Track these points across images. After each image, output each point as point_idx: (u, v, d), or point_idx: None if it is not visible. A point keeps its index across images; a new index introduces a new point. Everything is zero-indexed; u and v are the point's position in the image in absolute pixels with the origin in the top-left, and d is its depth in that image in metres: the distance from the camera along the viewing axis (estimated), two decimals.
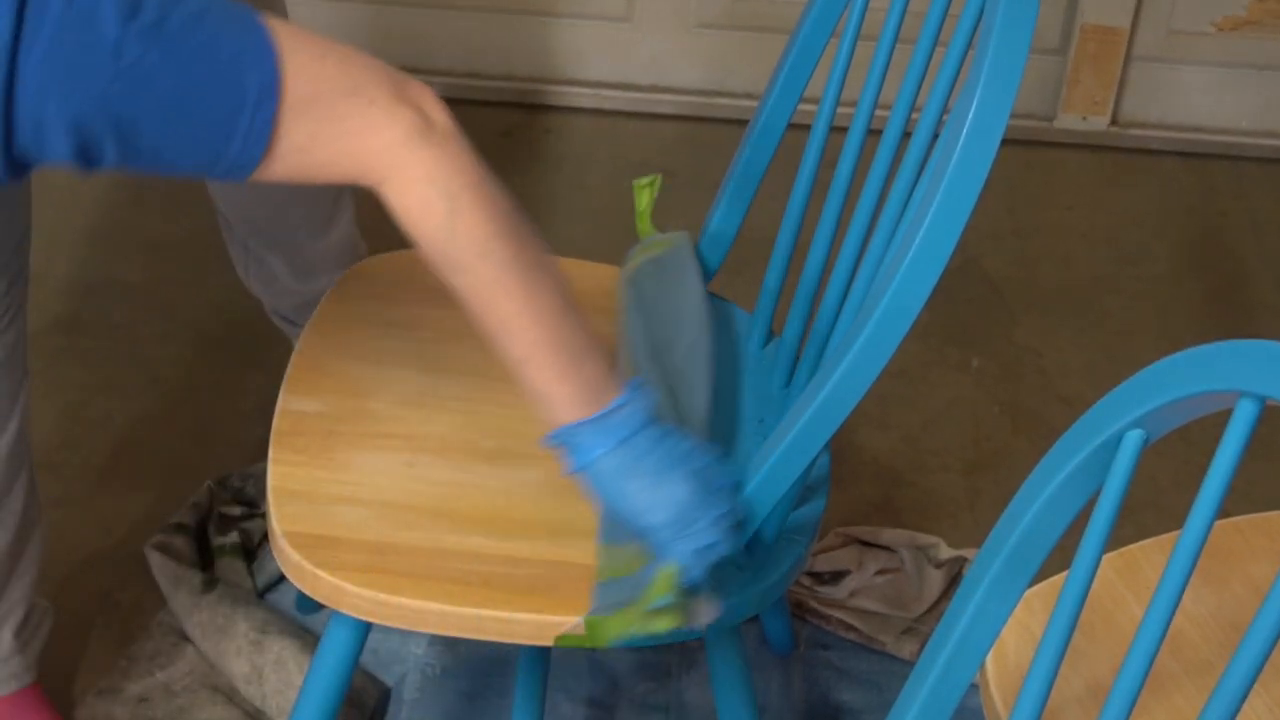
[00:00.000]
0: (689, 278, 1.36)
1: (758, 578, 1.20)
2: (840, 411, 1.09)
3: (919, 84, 1.22)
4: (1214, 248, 2.25)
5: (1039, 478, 0.91)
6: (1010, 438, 1.92)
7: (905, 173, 1.18)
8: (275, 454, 1.24)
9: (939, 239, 1.02)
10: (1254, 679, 0.81)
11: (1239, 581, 1.13)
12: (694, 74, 2.43)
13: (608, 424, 1.09)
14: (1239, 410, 0.81)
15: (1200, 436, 1.15)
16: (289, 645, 1.55)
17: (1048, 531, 0.91)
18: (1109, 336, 2.08)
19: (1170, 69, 2.37)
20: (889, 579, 1.67)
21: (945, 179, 1.01)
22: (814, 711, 1.60)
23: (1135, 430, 0.86)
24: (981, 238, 2.19)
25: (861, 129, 1.27)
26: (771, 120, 1.35)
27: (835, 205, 1.29)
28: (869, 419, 1.91)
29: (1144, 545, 1.15)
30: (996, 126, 1.00)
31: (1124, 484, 0.87)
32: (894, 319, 1.05)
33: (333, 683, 1.24)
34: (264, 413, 1.29)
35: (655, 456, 1.10)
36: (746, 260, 1.60)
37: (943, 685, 0.95)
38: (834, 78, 1.29)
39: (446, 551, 1.18)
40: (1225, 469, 0.82)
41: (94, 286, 2.01)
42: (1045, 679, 0.91)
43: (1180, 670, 1.07)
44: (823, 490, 1.27)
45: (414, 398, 1.30)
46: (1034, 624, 1.08)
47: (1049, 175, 2.36)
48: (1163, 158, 2.39)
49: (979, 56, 1.01)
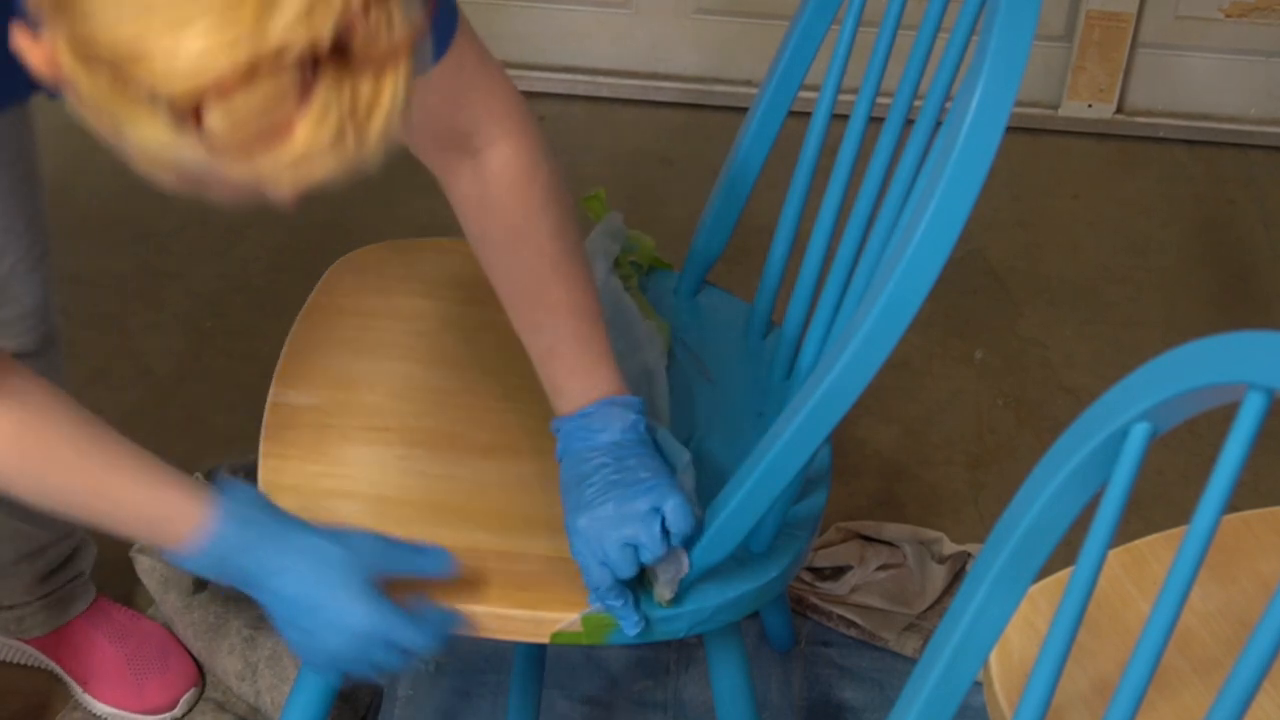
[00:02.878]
0: (601, 264, 1.36)
1: (758, 573, 1.19)
2: (842, 404, 1.08)
3: (921, 71, 1.21)
4: (1222, 237, 2.24)
5: (1044, 472, 0.90)
6: (1014, 431, 1.92)
7: (907, 161, 1.17)
8: (266, 447, 1.23)
9: (942, 228, 1.01)
10: (1263, 676, 0.80)
11: (1247, 577, 1.12)
12: (693, 60, 2.42)
13: (591, 423, 1.12)
14: (1247, 403, 0.80)
15: (1208, 429, 1.15)
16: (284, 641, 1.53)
17: (1053, 526, 0.90)
18: (1115, 328, 2.07)
19: (1177, 55, 2.36)
20: (891, 574, 1.67)
21: (948, 168, 1.00)
22: (814, 709, 1.60)
23: (1142, 423, 0.85)
24: (985, 227, 2.19)
25: (863, 117, 1.27)
26: (772, 107, 1.34)
27: (836, 194, 1.28)
28: (871, 412, 1.90)
29: (1151, 540, 1.14)
30: (1000, 114, 0.99)
31: (1130, 478, 0.86)
32: (897, 310, 1.04)
33: (325, 680, 1.23)
34: (255, 406, 1.28)
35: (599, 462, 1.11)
36: (746, 249, 1.60)
37: (946, 683, 0.95)
38: (835, 64, 1.29)
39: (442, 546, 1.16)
40: (1233, 462, 0.81)
41: (84, 277, 2.00)
42: (1050, 677, 0.90)
43: (1188, 668, 1.07)
44: (824, 484, 1.27)
45: (407, 390, 1.29)
46: (1039, 620, 1.08)
47: (1054, 164, 2.35)
48: (1170, 146, 2.38)
49: (982, 43, 1.01)
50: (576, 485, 1.12)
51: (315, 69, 0.73)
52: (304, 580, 1.03)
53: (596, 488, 1.11)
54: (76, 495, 1.03)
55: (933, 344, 2.01)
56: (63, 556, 1.48)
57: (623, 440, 1.13)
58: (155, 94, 0.73)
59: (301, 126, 0.74)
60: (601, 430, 1.13)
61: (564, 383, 1.15)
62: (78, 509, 1.04)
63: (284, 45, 0.72)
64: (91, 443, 1.02)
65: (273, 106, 0.73)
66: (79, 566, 1.51)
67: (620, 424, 1.13)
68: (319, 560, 1.04)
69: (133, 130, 0.75)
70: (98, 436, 1.02)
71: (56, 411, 1.01)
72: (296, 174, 0.76)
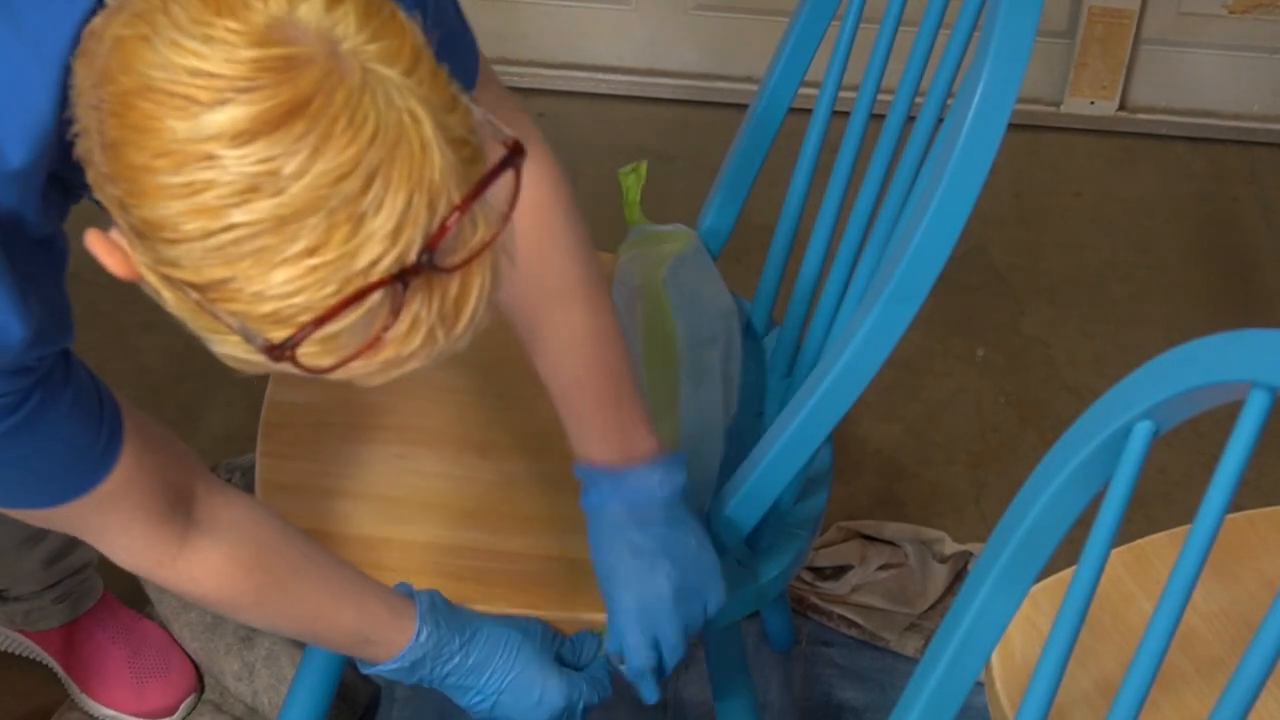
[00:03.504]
0: (714, 277, 1.36)
1: (758, 573, 1.19)
2: (843, 403, 1.08)
3: (922, 68, 1.21)
4: (1225, 235, 2.23)
5: (1046, 470, 0.90)
6: (1017, 429, 1.91)
7: (909, 158, 1.17)
8: (264, 446, 1.23)
9: (944, 226, 1.01)
10: (1266, 677, 0.81)
11: (1251, 576, 1.12)
12: (692, 57, 2.41)
13: (628, 483, 1.08)
14: (1251, 401, 0.80)
15: (1211, 428, 1.14)
16: (280, 640, 1.53)
17: (1055, 525, 0.90)
18: (1118, 326, 2.07)
19: (1180, 52, 2.36)
20: (892, 574, 1.66)
21: (950, 165, 1.00)
22: (815, 710, 1.59)
23: (1145, 421, 0.85)
24: (987, 225, 2.18)
25: (864, 114, 1.26)
26: (772, 104, 1.34)
27: (837, 192, 1.28)
28: (872, 410, 1.90)
29: (1154, 539, 1.14)
30: (1002, 111, 0.99)
31: (1133, 477, 0.86)
32: (898, 308, 1.04)
33: (323, 679, 1.23)
34: (252, 404, 1.28)
35: (657, 535, 1.08)
36: (746, 247, 1.59)
37: (947, 683, 0.95)
38: (835, 61, 1.28)
39: (439, 546, 1.17)
40: (1237, 461, 0.81)
41: (80, 275, 1.98)
42: (1052, 677, 0.90)
43: (1191, 668, 1.06)
44: (825, 483, 1.27)
45: (405, 388, 1.26)
46: (1041, 620, 1.08)
47: (1056, 161, 2.35)
48: (1173, 143, 2.38)
49: (984, 39, 1.01)
50: (611, 551, 1.09)
51: (404, 285, 0.72)
52: (497, 676, 1.07)
53: (644, 560, 1.08)
54: (297, 620, 1.05)
55: (934, 342, 2.01)
56: (63, 541, 1.47)
57: (665, 502, 1.09)
58: (246, 328, 0.73)
59: (392, 338, 0.74)
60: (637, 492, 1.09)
61: (593, 430, 1.10)
62: (294, 629, 1.07)
63: (373, 270, 0.71)
64: (308, 565, 1.03)
65: (364, 328, 0.73)
66: (85, 554, 1.49)
67: (661, 490, 1.09)
68: (508, 649, 1.07)
69: (219, 345, 0.76)
70: (310, 557, 1.04)
71: (274, 536, 1.02)
72: (386, 375, 0.77)
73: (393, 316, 0.73)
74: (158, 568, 0.99)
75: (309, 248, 0.70)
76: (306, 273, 0.71)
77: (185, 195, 0.70)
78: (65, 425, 0.91)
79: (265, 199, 0.69)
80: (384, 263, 0.71)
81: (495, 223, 0.75)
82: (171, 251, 0.72)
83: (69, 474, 0.92)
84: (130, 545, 0.98)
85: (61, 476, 0.92)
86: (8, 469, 0.90)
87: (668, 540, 1.08)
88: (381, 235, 0.71)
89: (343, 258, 0.71)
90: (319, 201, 0.70)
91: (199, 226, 0.70)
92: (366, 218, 0.70)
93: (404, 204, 0.71)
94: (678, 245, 1.38)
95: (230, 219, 0.70)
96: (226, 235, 0.70)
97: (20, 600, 1.49)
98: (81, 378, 0.93)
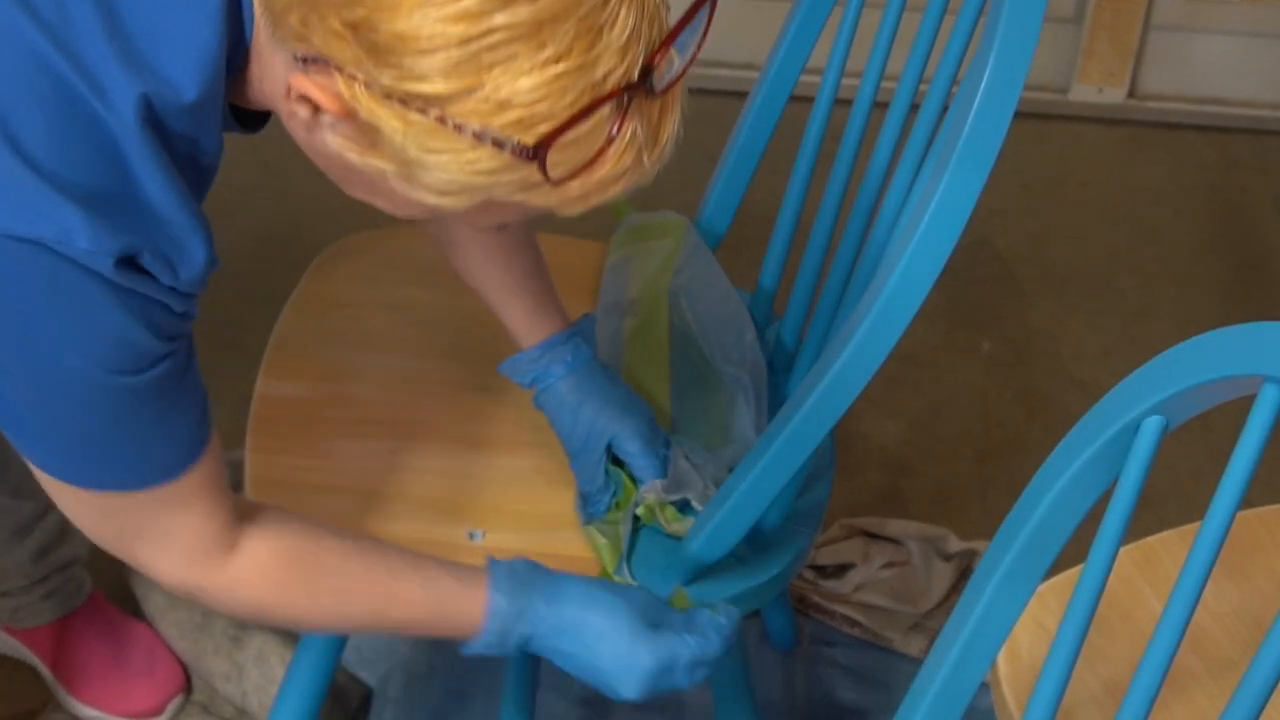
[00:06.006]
0: (719, 276, 1.35)
1: (759, 571, 1.19)
2: (845, 397, 1.08)
3: (927, 54, 1.21)
4: (1236, 225, 2.23)
5: (1053, 466, 0.90)
6: (1023, 425, 1.91)
7: (913, 147, 1.17)
8: (254, 441, 1.22)
9: (948, 216, 1.00)
10: (1278, 677, 0.80)
11: (1263, 575, 1.12)
12: None
13: (559, 351, 1.18)
14: (1263, 395, 0.80)
15: (1222, 423, 1.14)
16: (270, 639, 1.54)
17: (1062, 523, 0.90)
18: (1126, 319, 2.07)
19: (1190, 38, 2.35)
20: (896, 572, 1.66)
21: (955, 154, 0.99)
22: (817, 711, 1.59)
23: (1154, 416, 0.85)
24: (992, 215, 2.19)
25: (867, 101, 1.26)
26: (773, 92, 1.34)
27: (839, 181, 1.28)
28: (875, 405, 1.89)
29: (1163, 537, 1.14)
30: (1009, 99, 0.99)
31: (1142, 473, 0.86)
32: (901, 300, 1.03)
33: (314, 679, 1.23)
34: (242, 398, 1.27)
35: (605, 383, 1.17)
36: (746, 238, 1.59)
37: (952, 684, 0.94)
38: (838, 47, 1.28)
39: (433, 543, 1.16)
40: (1248, 457, 0.81)
41: None
42: (1060, 677, 0.90)
43: (1201, 668, 1.06)
44: (826, 480, 1.26)
45: (398, 382, 1.29)
46: (1048, 620, 1.07)
47: (1063, 150, 2.35)
48: (1182, 131, 2.38)
49: (990, 25, 1.00)
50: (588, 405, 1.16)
51: (627, 102, 0.78)
52: (584, 638, 1.04)
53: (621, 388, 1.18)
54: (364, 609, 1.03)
55: (939, 335, 2.01)
56: (53, 533, 1.46)
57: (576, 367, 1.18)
58: (486, 132, 0.76)
59: (612, 154, 0.79)
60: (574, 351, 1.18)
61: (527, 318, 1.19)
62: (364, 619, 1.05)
63: (605, 82, 0.77)
64: (356, 551, 1.02)
65: (590, 142, 0.78)
66: (74, 549, 1.48)
67: (589, 347, 1.19)
68: (597, 610, 1.04)
69: (443, 163, 0.78)
70: (354, 543, 1.03)
71: (309, 528, 1.01)
72: (591, 199, 0.81)
73: (616, 131, 0.78)
74: (210, 574, 0.97)
75: (555, 55, 0.75)
76: (551, 80, 0.75)
77: (446, 2, 0.74)
78: (190, 394, 0.95)
79: (525, 4, 0.74)
80: (614, 76, 0.77)
81: (690, 55, 0.81)
82: (422, 63, 0.75)
83: (175, 446, 0.94)
84: (193, 545, 0.96)
85: (165, 448, 0.94)
86: (127, 427, 0.91)
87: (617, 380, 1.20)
88: (615, 48, 0.77)
89: (583, 67, 0.76)
90: (570, 9, 0.75)
91: (459, 31, 0.74)
92: (604, 30, 0.76)
93: (634, 21, 0.77)
94: (672, 241, 1.37)
95: (491, 22, 0.74)
96: (484, 40, 0.74)
97: (8, 596, 1.48)
98: (193, 352, 0.96)
